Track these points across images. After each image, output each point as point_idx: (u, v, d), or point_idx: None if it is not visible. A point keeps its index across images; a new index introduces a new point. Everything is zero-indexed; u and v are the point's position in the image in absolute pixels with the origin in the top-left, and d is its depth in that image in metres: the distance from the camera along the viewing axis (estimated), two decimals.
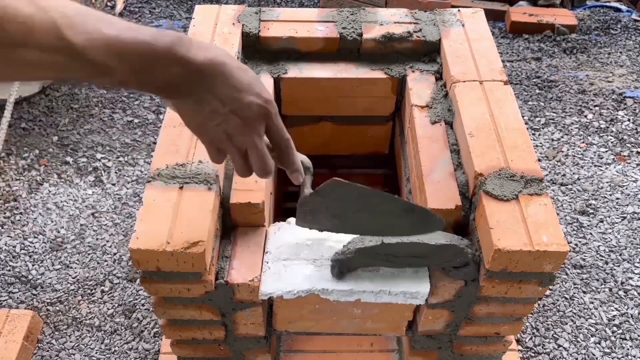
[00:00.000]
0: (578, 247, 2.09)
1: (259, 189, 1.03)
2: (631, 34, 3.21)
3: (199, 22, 1.32)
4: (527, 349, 1.79)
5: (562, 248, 0.90)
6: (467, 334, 1.12)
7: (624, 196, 2.27)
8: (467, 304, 1.04)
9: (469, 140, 1.06)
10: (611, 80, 2.85)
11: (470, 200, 1.03)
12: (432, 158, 1.10)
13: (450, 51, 1.26)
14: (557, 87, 2.81)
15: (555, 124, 2.61)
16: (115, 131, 2.49)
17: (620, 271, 2.01)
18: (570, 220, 2.19)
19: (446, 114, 1.18)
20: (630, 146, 2.50)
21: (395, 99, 1.34)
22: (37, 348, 1.72)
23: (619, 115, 2.66)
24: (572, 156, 2.46)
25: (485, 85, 1.18)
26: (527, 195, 0.97)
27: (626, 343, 1.81)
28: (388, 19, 1.34)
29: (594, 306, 1.91)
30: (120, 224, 2.10)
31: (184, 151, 1.05)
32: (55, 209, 2.13)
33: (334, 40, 1.30)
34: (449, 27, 1.33)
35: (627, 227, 2.15)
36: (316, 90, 1.31)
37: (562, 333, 1.83)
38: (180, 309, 1.02)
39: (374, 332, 1.18)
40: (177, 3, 3.35)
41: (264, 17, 1.33)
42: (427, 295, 1.01)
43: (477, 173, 1.00)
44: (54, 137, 2.43)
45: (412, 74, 1.29)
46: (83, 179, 2.25)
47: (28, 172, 2.27)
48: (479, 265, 0.97)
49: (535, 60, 3.00)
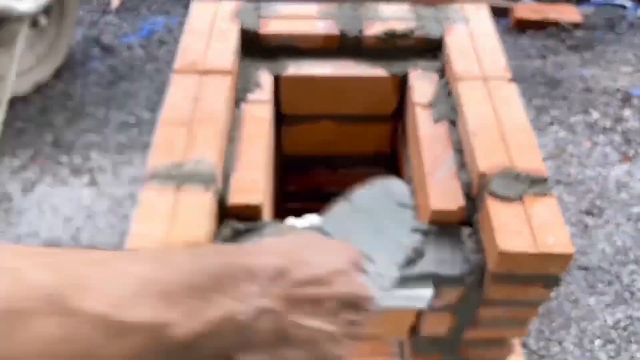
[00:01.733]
0: (583, 249, 2.07)
1: (258, 189, 1.01)
2: (637, 31, 3.17)
3: (196, 18, 1.30)
4: (531, 352, 1.77)
5: (568, 250, 0.88)
6: (471, 338, 1.10)
7: (630, 196, 2.25)
8: (471, 308, 1.02)
9: (472, 139, 1.04)
10: (617, 79, 2.82)
11: (474, 200, 1.01)
12: (434, 157, 1.08)
13: (453, 48, 1.24)
14: (563, 86, 2.78)
15: (561, 123, 2.58)
16: (110, 130, 2.48)
17: (626, 273, 1.98)
18: (575, 221, 2.16)
19: (449, 112, 1.16)
20: (636, 145, 2.47)
21: (397, 97, 1.32)
22: None
23: (625, 114, 2.63)
24: (577, 156, 2.43)
25: (490, 83, 1.16)
26: (532, 196, 0.95)
27: (632, 346, 1.79)
28: (390, 15, 1.32)
29: (599, 308, 1.88)
30: (116, 225, 2.08)
31: (181, 150, 1.03)
32: (50, 210, 2.12)
33: (335, 37, 1.28)
34: (452, 23, 1.31)
35: (633, 228, 2.12)
36: (316, 88, 1.29)
37: (567, 336, 1.80)
38: None
39: (376, 336, 1.16)
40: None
41: (262, 13, 1.31)
42: (430, 298, 0.98)
43: (481, 173, 0.98)
44: (49, 137, 2.42)
45: (415, 71, 1.26)
46: (78, 179, 2.24)
47: (22, 172, 2.26)
48: (483, 268, 0.95)
49: (540, 57, 2.98)
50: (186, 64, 1.18)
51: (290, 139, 1.45)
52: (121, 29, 3.03)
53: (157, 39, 2.95)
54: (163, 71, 2.78)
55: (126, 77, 2.73)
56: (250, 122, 1.15)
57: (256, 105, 1.19)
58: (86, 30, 3.00)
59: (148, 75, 2.73)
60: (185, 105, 1.11)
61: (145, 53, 2.86)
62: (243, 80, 1.24)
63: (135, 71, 2.76)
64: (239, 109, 1.18)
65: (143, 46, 2.89)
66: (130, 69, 2.77)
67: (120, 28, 3.05)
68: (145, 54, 2.86)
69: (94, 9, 3.15)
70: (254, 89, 1.22)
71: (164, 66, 2.81)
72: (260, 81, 1.23)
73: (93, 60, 2.81)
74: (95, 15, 3.11)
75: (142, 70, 2.77)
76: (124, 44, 2.92)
